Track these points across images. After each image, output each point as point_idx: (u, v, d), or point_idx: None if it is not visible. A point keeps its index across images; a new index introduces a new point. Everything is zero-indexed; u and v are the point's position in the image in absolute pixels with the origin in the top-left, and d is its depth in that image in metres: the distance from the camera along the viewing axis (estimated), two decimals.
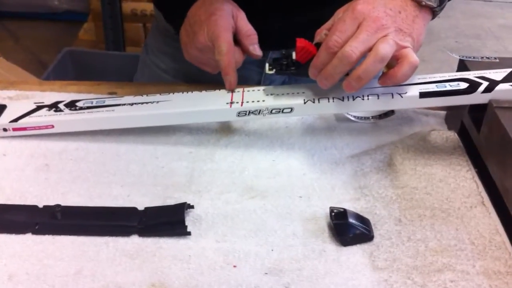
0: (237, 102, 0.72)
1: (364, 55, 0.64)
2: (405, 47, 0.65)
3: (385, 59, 0.63)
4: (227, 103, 0.72)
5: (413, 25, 0.67)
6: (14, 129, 0.73)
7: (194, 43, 0.75)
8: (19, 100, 0.82)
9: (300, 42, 0.67)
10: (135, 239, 0.59)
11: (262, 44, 0.76)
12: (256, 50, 0.75)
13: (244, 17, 0.75)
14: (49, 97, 0.83)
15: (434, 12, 0.70)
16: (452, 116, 0.80)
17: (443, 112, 0.83)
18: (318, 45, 0.67)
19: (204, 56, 0.76)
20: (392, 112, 0.80)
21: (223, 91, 0.75)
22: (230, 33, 0.73)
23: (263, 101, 0.71)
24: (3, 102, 0.80)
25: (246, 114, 0.71)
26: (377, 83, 0.68)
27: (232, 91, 0.74)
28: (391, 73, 0.65)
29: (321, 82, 0.67)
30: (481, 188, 0.68)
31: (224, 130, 0.77)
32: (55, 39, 2.74)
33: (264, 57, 0.86)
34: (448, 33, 2.83)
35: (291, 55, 0.70)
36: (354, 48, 0.63)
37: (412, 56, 0.64)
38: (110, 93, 0.85)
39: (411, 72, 0.65)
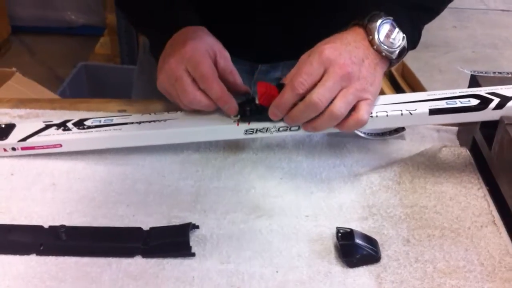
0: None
1: (329, 102, 0.65)
2: (364, 100, 0.66)
3: (339, 118, 0.65)
4: (235, 121, 0.71)
5: (375, 73, 0.68)
6: (23, 148, 0.74)
7: (164, 67, 0.70)
8: (29, 119, 0.82)
9: (261, 86, 0.68)
10: (138, 260, 0.59)
11: (252, 56, 0.74)
12: (243, 85, 0.73)
13: (229, 58, 0.72)
14: (59, 115, 0.83)
15: (391, 63, 0.70)
16: (464, 132, 0.79)
17: (455, 128, 0.81)
18: (279, 86, 0.68)
19: (169, 84, 0.70)
20: (402, 128, 0.79)
21: None
22: (210, 60, 0.69)
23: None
24: (13, 121, 0.80)
25: (253, 132, 0.71)
26: None
27: None
28: (341, 122, 0.67)
29: (288, 122, 0.69)
30: (492, 206, 0.66)
31: (232, 147, 0.77)
32: (72, 53, 2.77)
33: (254, 68, 0.86)
34: (465, 43, 2.80)
35: (254, 99, 0.70)
36: (321, 96, 0.64)
37: (362, 114, 0.66)
38: (119, 111, 0.85)
39: (356, 127, 0.67)
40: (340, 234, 0.60)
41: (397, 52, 0.69)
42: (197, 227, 0.63)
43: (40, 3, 2.93)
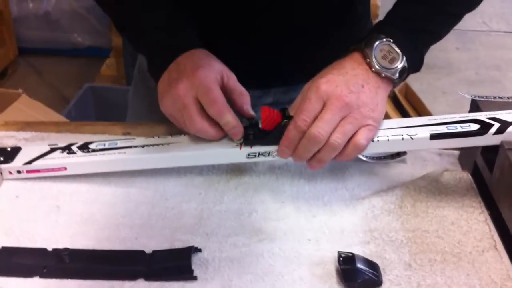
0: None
1: (329, 134, 0.66)
2: (365, 126, 0.67)
3: (338, 148, 0.66)
4: (237, 145, 0.72)
5: (377, 97, 0.68)
6: (28, 171, 0.75)
7: (171, 91, 0.70)
8: (34, 142, 0.83)
9: (264, 111, 0.69)
10: (141, 284, 0.59)
11: (241, 82, 0.75)
12: (250, 110, 0.73)
13: (236, 78, 0.73)
14: (65, 138, 0.84)
15: (394, 84, 0.71)
16: (466, 156, 0.79)
17: (457, 152, 0.82)
18: (283, 111, 0.69)
19: (175, 109, 0.70)
20: (404, 152, 0.79)
21: None
22: (219, 88, 0.70)
23: None
24: (19, 144, 0.81)
25: (255, 156, 0.71)
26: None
27: None
28: (341, 151, 0.67)
29: (295, 160, 0.69)
30: (494, 231, 0.67)
31: (235, 171, 0.77)
32: (78, 74, 2.79)
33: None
34: (469, 65, 2.82)
35: (257, 124, 0.70)
36: (321, 129, 0.65)
37: (359, 139, 0.66)
38: (124, 134, 0.86)
39: (355, 152, 0.68)
40: (341, 259, 0.61)
41: (397, 72, 0.70)
42: (199, 250, 0.63)
43: (47, 26, 2.96)
